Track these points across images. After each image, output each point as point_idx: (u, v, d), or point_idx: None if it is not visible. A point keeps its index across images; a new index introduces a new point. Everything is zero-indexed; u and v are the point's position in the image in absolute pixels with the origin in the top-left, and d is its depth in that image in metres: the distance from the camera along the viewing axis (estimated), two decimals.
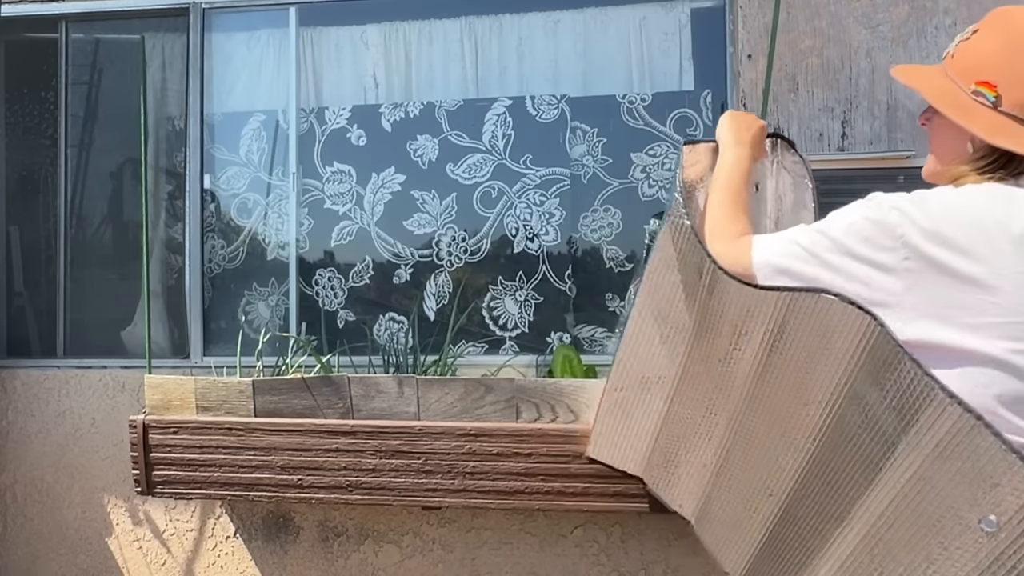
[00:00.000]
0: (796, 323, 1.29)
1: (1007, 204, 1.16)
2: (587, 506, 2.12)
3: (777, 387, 1.37)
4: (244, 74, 2.88)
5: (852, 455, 1.23)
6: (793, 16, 2.48)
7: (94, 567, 2.80)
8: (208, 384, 2.33)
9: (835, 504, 1.27)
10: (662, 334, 1.70)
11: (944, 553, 1.10)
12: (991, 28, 1.27)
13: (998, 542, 1.03)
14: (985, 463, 1.04)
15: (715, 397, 1.55)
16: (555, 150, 2.69)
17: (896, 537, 1.17)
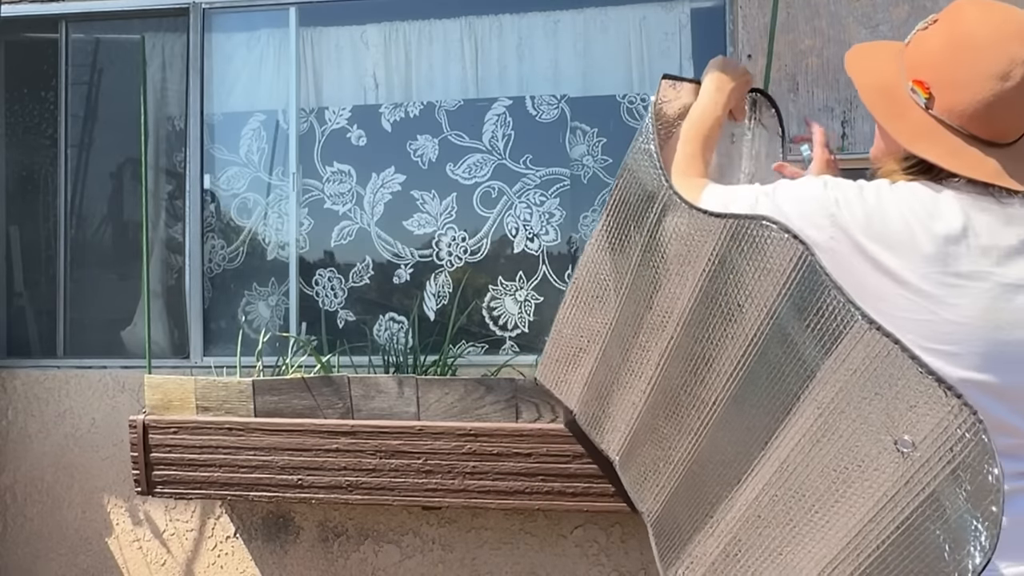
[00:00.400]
0: (736, 252, 1.31)
1: (932, 204, 1.17)
2: (587, 506, 2.12)
3: (708, 322, 1.38)
4: (244, 74, 2.88)
5: (772, 386, 1.24)
6: (793, 16, 2.48)
7: (94, 567, 2.80)
8: (208, 384, 2.33)
9: (753, 437, 1.28)
10: (612, 262, 1.69)
11: (861, 476, 1.11)
12: (942, 23, 1.25)
13: (912, 462, 1.05)
14: (903, 386, 1.06)
15: (648, 333, 1.55)
16: (555, 150, 2.69)
17: (813, 464, 1.18)
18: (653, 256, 1.52)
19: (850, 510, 1.12)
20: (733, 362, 1.32)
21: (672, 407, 1.49)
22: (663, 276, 1.49)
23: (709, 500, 1.39)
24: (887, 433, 1.07)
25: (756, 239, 1.26)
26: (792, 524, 1.21)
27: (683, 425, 1.46)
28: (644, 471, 1.60)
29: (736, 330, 1.31)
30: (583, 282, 1.77)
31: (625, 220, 1.62)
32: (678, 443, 1.48)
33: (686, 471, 1.46)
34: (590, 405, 1.81)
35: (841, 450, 1.14)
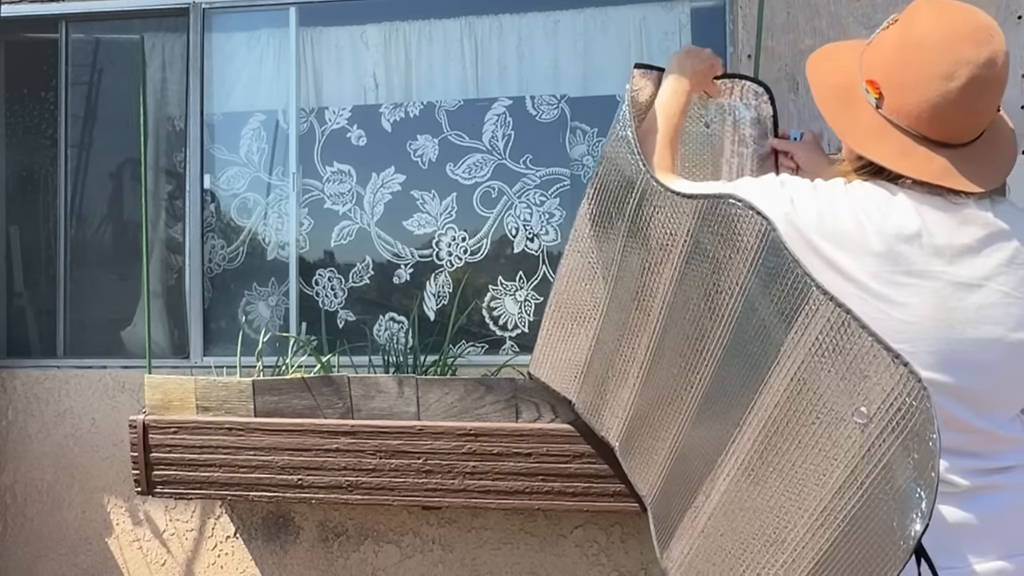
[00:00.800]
0: (708, 232, 1.33)
1: (886, 204, 1.18)
2: (587, 506, 2.12)
3: (689, 303, 1.40)
4: (244, 74, 2.88)
5: (746, 364, 1.26)
6: (793, 16, 2.48)
7: (94, 567, 2.80)
8: (208, 384, 2.33)
9: (731, 416, 1.30)
10: (598, 249, 1.71)
11: (823, 450, 1.12)
12: (899, 23, 1.26)
13: (868, 433, 1.05)
14: (855, 357, 1.07)
15: (637, 318, 1.57)
16: (555, 150, 2.69)
17: (782, 439, 1.19)
18: (636, 241, 1.55)
19: (819, 486, 1.13)
20: (713, 342, 1.34)
21: (662, 391, 1.51)
22: (646, 260, 1.51)
23: (695, 481, 1.41)
24: (847, 407, 1.08)
25: (724, 217, 1.29)
26: (770, 501, 1.23)
27: (673, 408, 1.47)
28: (641, 456, 1.62)
29: (714, 310, 1.33)
30: (570, 271, 1.79)
31: (607, 208, 1.65)
32: (669, 426, 1.49)
33: (677, 454, 1.48)
34: (587, 394, 1.83)
35: (807, 424, 1.15)
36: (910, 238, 1.15)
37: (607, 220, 1.65)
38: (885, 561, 1.01)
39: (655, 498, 1.59)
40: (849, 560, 1.08)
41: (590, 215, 1.72)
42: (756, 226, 1.22)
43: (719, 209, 1.30)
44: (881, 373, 1.03)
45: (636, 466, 1.67)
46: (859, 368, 1.06)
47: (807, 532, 1.15)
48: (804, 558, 1.15)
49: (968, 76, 1.16)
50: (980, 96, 1.19)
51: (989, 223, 1.19)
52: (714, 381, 1.35)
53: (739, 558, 1.29)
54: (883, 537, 1.02)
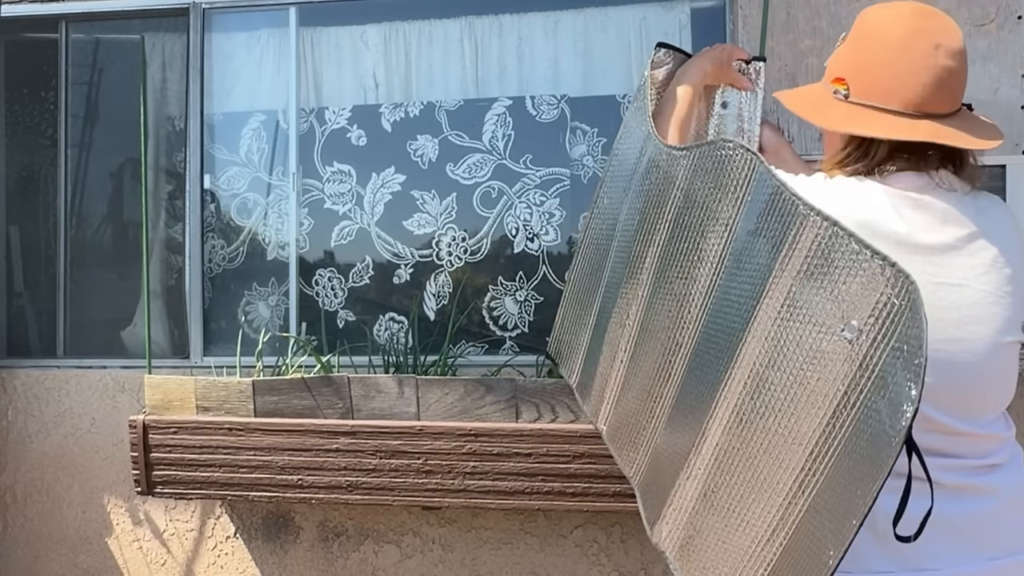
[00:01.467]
0: (699, 181, 1.33)
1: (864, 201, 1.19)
2: (587, 506, 2.12)
3: (677, 259, 1.38)
4: (244, 74, 2.88)
5: (735, 306, 1.23)
6: (793, 16, 2.48)
7: (94, 567, 2.81)
8: (208, 384, 2.34)
9: (720, 362, 1.26)
10: (606, 225, 1.70)
11: (821, 372, 1.08)
12: (850, 31, 1.35)
13: (860, 346, 1.02)
14: (843, 268, 1.03)
15: (628, 287, 1.56)
16: (555, 150, 2.69)
17: (777, 370, 1.16)
18: (635, 206, 1.54)
19: (814, 412, 1.09)
20: (703, 292, 1.31)
21: (650, 358, 1.48)
22: (640, 227, 1.51)
23: (686, 440, 1.36)
24: (837, 321, 1.05)
25: (715, 161, 1.28)
26: (764, 442, 1.19)
27: (661, 373, 1.44)
28: (630, 433, 1.59)
29: (702, 259, 1.31)
30: (582, 255, 1.79)
31: (617, 177, 1.65)
32: (656, 395, 1.46)
33: (665, 420, 1.45)
34: (582, 377, 1.81)
35: (799, 350, 1.11)
36: (891, 236, 1.15)
37: (617, 190, 1.65)
38: (879, 462, 0.96)
39: (642, 473, 1.56)
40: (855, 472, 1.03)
41: (603, 186, 1.72)
42: (745, 162, 1.21)
43: (710, 154, 1.30)
44: (868, 278, 1.00)
45: (625, 445, 1.62)
46: (846, 279, 1.03)
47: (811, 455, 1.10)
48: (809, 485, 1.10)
49: (925, 41, 1.21)
50: (940, 58, 1.21)
51: (972, 222, 1.18)
52: (703, 334, 1.32)
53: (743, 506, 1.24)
54: (876, 441, 0.98)
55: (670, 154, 1.44)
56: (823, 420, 1.07)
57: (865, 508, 0.96)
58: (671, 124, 1.59)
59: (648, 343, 1.48)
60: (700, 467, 1.33)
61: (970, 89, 1.34)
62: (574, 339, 1.84)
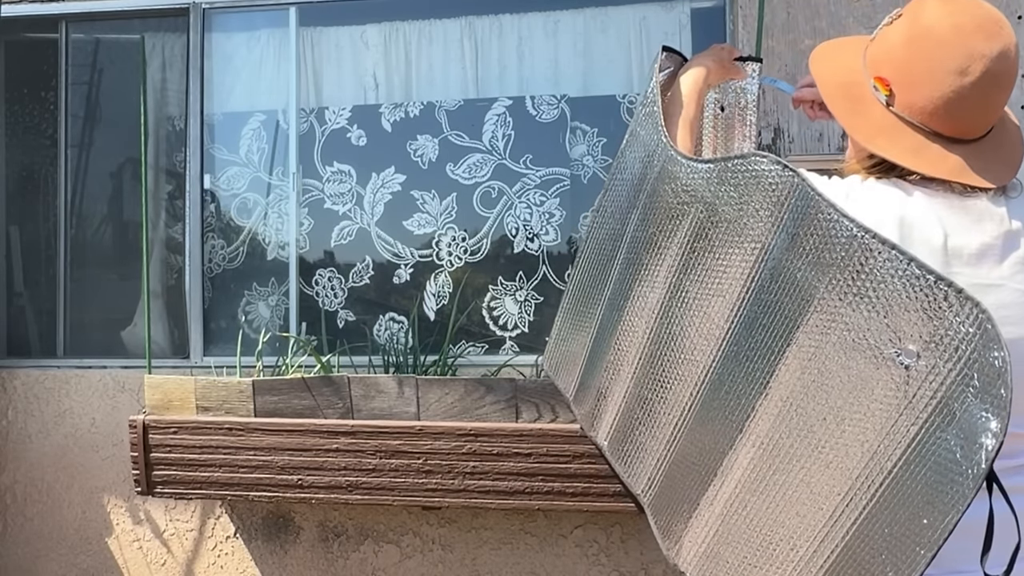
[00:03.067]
0: (725, 197, 1.28)
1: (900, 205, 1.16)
2: (587, 506, 2.12)
3: (698, 276, 1.34)
4: (244, 74, 2.88)
5: (770, 324, 1.19)
6: (793, 16, 2.48)
7: (94, 567, 2.80)
8: (208, 384, 2.33)
9: (752, 384, 1.22)
10: (610, 234, 1.65)
11: (866, 399, 1.05)
12: (904, 18, 1.23)
13: (917, 372, 0.98)
14: (900, 291, 1.00)
15: (637, 302, 1.52)
16: (555, 150, 2.69)
17: (816, 395, 1.12)
18: (646, 220, 1.49)
19: (859, 437, 1.06)
20: (727, 312, 1.27)
21: (662, 376, 1.45)
22: (652, 240, 1.46)
23: (710, 462, 1.33)
24: (889, 346, 1.01)
25: (747, 175, 1.23)
26: (800, 466, 1.15)
27: (676, 392, 1.41)
28: (637, 451, 1.56)
29: (728, 278, 1.27)
30: (583, 262, 1.75)
31: (626, 188, 1.60)
32: (671, 413, 1.43)
33: (682, 441, 1.42)
34: (582, 390, 1.78)
35: (843, 375, 1.08)
36: (926, 239, 1.12)
37: (623, 202, 1.60)
38: (951, 495, 0.93)
39: (654, 492, 1.53)
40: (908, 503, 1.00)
41: (607, 198, 1.67)
42: (783, 180, 1.16)
43: (740, 168, 1.24)
44: (930, 303, 0.96)
45: (629, 461, 1.60)
46: (903, 302, 0.99)
47: (853, 484, 1.07)
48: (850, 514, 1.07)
49: (982, 70, 1.14)
50: (993, 90, 1.16)
51: (1004, 220, 1.16)
52: (730, 351, 1.28)
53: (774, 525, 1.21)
54: (945, 470, 0.94)
55: (690, 166, 1.38)
56: (871, 447, 1.04)
57: (937, 538, 0.94)
58: (680, 127, 1.56)
59: (662, 358, 1.45)
60: (726, 492, 1.30)
61: None
62: (571, 351, 1.81)
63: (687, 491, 1.41)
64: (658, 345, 1.46)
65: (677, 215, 1.39)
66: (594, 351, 1.71)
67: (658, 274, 1.45)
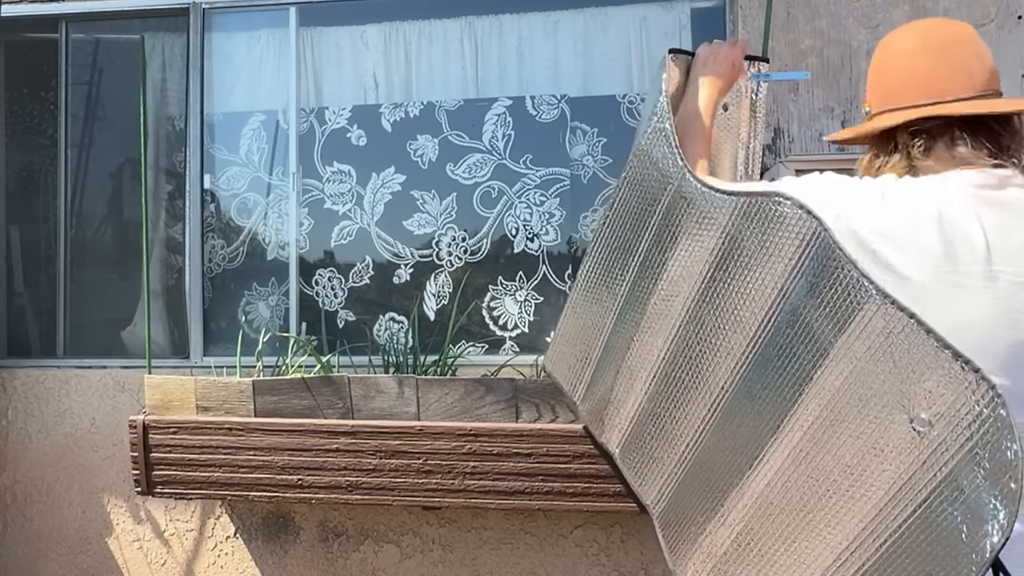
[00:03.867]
0: (748, 231, 1.29)
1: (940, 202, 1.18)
2: (587, 506, 2.12)
3: (717, 304, 1.36)
4: (244, 74, 2.88)
5: (784, 368, 1.22)
6: (793, 16, 2.48)
7: (94, 567, 2.80)
8: (208, 384, 2.33)
9: (764, 422, 1.25)
10: (620, 247, 1.65)
11: (876, 458, 1.08)
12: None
13: (928, 442, 1.01)
14: (918, 362, 1.03)
15: (654, 319, 1.53)
16: (555, 150, 2.69)
17: (827, 447, 1.15)
18: (662, 239, 1.49)
19: (865, 494, 1.09)
20: (743, 345, 1.29)
21: (678, 396, 1.46)
22: (671, 259, 1.46)
23: (719, 489, 1.36)
24: (903, 412, 1.04)
25: (769, 215, 1.24)
26: (806, 511, 1.19)
27: (689, 414, 1.43)
28: (648, 463, 1.58)
29: (746, 311, 1.28)
30: (591, 268, 1.74)
31: (637, 202, 1.58)
32: (684, 433, 1.45)
33: (693, 461, 1.44)
34: (591, 397, 1.79)
35: (855, 431, 1.10)
36: (966, 237, 1.12)
37: (635, 215, 1.59)
38: (955, 572, 0.96)
39: (664, 505, 1.55)
40: (908, 566, 1.04)
41: (616, 211, 1.65)
42: (805, 226, 1.18)
43: (763, 207, 1.25)
44: (947, 379, 0.99)
45: (641, 472, 1.62)
46: (921, 374, 1.01)
47: (855, 538, 1.11)
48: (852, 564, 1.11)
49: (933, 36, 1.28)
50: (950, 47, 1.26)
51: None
52: (743, 383, 1.30)
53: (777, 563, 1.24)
54: (948, 547, 0.98)
55: (712, 196, 1.37)
56: (878, 501, 1.07)
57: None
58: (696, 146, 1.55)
59: (678, 380, 1.47)
60: (736, 518, 1.33)
61: None
62: (577, 355, 1.81)
63: (696, 511, 1.43)
64: (674, 367, 1.48)
65: (696, 243, 1.39)
66: (605, 360, 1.72)
67: (675, 297, 1.45)
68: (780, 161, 2.37)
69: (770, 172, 2.42)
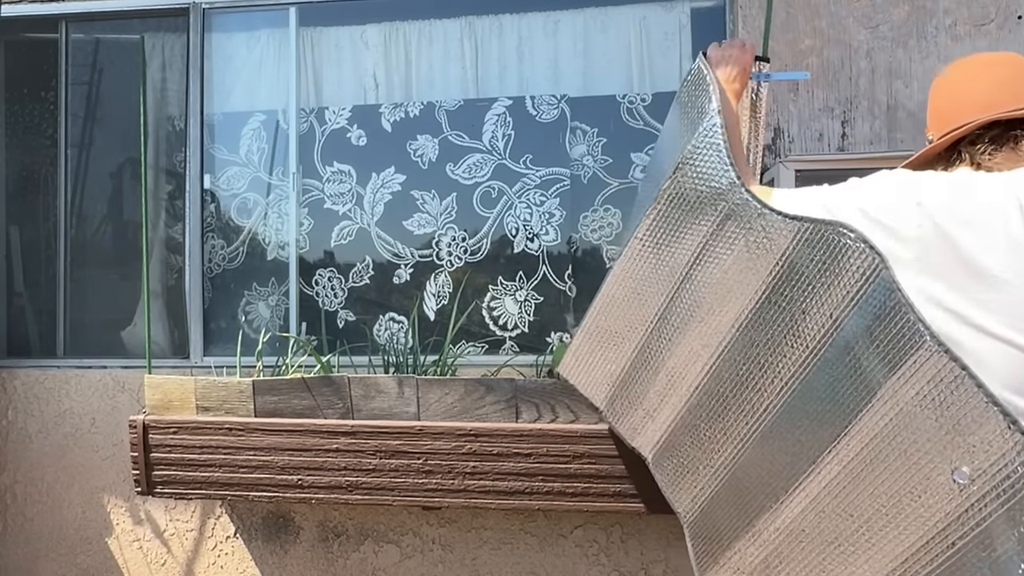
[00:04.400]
0: (808, 257, 1.27)
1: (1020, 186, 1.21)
2: (587, 506, 2.12)
3: (768, 326, 1.35)
4: (244, 74, 2.88)
5: (830, 398, 1.22)
6: (793, 16, 2.48)
7: (94, 567, 2.80)
8: (208, 384, 2.33)
9: (804, 449, 1.26)
10: (659, 259, 1.63)
11: (913, 503, 1.09)
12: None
13: (968, 496, 1.02)
14: (966, 415, 1.03)
15: (700, 333, 1.52)
16: (555, 150, 2.69)
17: (865, 484, 1.16)
18: (712, 255, 1.47)
19: (898, 536, 1.10)
20: (791, 369, 1.30)
21: (718, 411, 1.47)
22: (721, 277, 1.45)
23: (752, 508, 1.37)
24: (945, 461, 1.04)
25: (831, 245, 1.23)
26: (837, 543, 1.20)
27: (729, 430, 1.44)
28: (682, 472, 1.58)
29: (797, 337, 1.28)
30: (624, 278, 1.71)
31: (681, 216, 1.55)
32: (722, 447, 1.46)
33: (729, 476, 1.45)
34: (621, 403, 1.78)
35: (895, 473, 1.12)
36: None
37: (677, 230, 1.55)
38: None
39: (696, 517, 1.56)
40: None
41: (656, 223, 1.60)
42: (866, 261, 1.17)
43: (826, 235, 1.24)
44: (992, 435, 0.99)
45: (675, 481, 1.62)
46: (967, 426, 1.02)
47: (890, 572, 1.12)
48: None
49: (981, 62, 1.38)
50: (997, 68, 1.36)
51: None
52: (786, 408, 1.31)
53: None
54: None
55: (774, 220, 1.34)
56: (911, 546, 1.08)
57: None
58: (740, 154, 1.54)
59: (720, 395, 1.47)
60: (767, 540, 1.34)
61: None
62: (603, 360, 1.80)
63: (727, 526, 1.44)
64: (717, 382, 1.48)
65: (752, 264, 1.38)
66: (639, 369, 1.71)
67: (723, 316, 1.45)
68: (780, 161, 2.37)
69: (770, 172, 2.42)
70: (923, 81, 2.41)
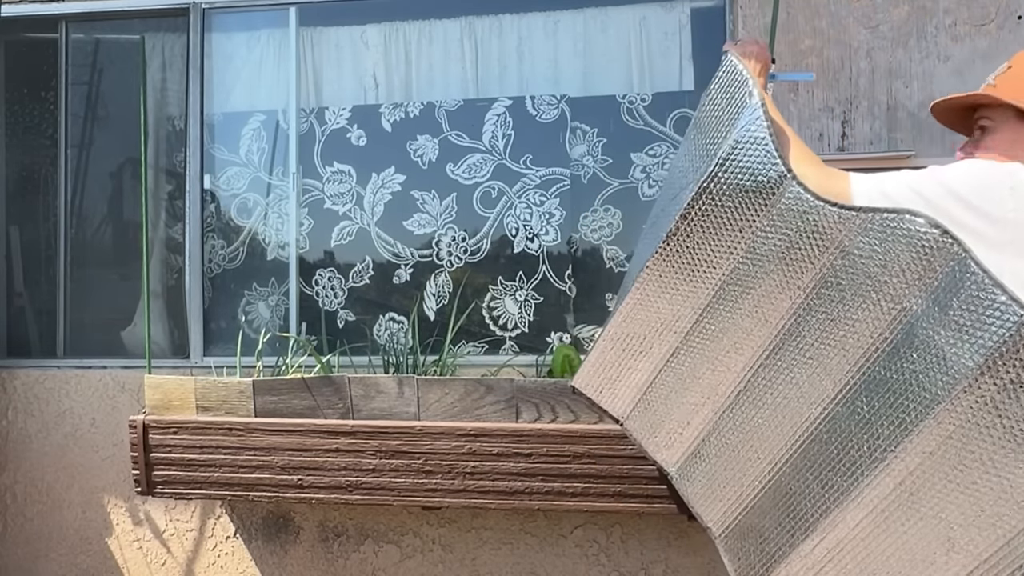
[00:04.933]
0: (867, 247, 1.22)
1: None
2: (587, 506, 2.12)
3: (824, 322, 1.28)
4: (244, 74, 2.88)
5: (902, 391, 1.16)
6: (793, 16, 2.48)
7: (94, 567, 2.80)
8: (208, 384, 2.33)
9: (870, 450, 1.19)
10: (692, 265, 1.54)
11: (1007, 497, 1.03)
12: None
13: None
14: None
15: (737, 341, 1.44)
16: (555, 150, 2.69)
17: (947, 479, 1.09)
18: (760, 254, 1.40)
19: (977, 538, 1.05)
20: (849, 366, 1.23)
21: (757, 419, 1.40)
22: (763, 279, 1.38)
23: (805, 518, 1.31)
24: None
25: (899, 233, 1.18)
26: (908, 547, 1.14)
27: (771, 437, 1.37)
28: (713, 485, 1.52)
29: (855, 333, 1.22)
30: (646, 287, 1.62)
31: (722, 214, 1.47)
32: (763, 456, 1.39)
33: (772, 486, 1.39)
34: (645, 414, 1.69)
35: (985, 463, 1.06)
36: None
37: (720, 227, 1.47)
38: None
39: (731, 529, 1.49)
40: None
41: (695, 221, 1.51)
42: (944, 246, 1.13)
43: (888, 224, 1.19)
44: None
45: (704, 494, 1.55)
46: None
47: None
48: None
49: None
50: None
51: None
52: (842, 412, 1.25)
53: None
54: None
55: (828, 211, 1.29)
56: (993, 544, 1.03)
57: None
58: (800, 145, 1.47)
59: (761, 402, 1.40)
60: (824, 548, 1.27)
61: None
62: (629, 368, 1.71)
63: (771, 541, 1.38)
64: (756, 388, 1.42)
65: (804, 257, 1.32)
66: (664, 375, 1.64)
67: (769, 313, 1.38)
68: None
69: None
70: (923, 81, 2.41)
